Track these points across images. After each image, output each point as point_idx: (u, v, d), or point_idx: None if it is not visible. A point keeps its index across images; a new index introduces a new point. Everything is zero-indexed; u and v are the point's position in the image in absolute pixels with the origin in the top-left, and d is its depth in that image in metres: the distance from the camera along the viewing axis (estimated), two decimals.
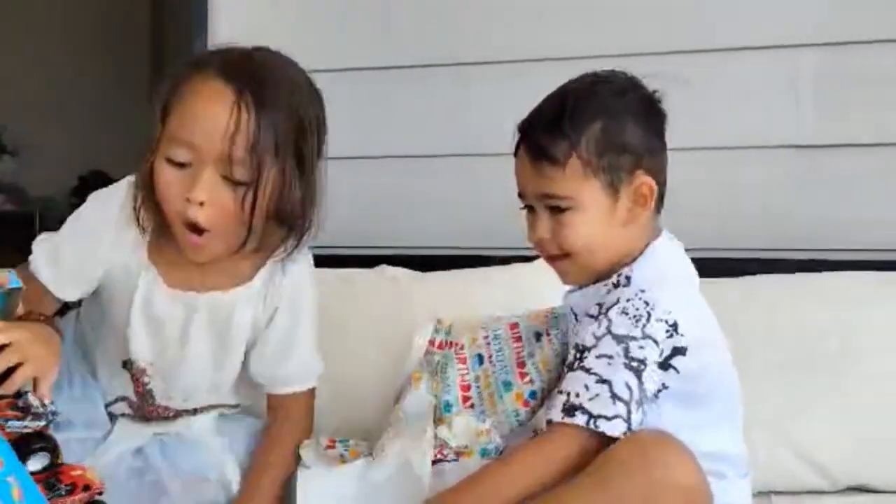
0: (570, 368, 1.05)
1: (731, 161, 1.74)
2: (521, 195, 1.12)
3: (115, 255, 1.16)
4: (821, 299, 1.49)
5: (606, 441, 0.99)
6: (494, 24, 1.82)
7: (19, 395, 0.95)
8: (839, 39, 1.69)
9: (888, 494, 1.36)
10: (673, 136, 1.66)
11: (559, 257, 1.11)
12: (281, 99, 1.06)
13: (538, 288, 1.33)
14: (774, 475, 1.35)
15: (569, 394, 1.02)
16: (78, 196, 4.22)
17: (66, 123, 4.00)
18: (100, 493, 0.94)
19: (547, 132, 1.07)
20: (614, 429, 0.99)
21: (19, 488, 0.81)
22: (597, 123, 1.06)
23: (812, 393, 1.40)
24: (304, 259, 1.23)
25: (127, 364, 1.24)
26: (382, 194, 1.90)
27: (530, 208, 1.12)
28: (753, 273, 1.58)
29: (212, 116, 1.02)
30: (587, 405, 1.00)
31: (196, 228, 1.06)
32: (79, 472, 0.94)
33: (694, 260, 1.22)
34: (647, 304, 1.03)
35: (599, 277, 1.12)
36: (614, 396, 1.00)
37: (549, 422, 1.04)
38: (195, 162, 1.04)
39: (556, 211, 1.08)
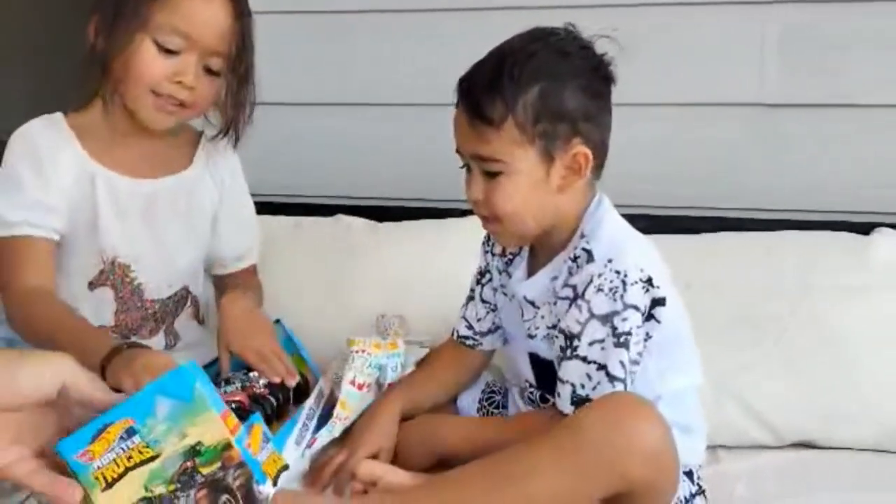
0: (565, 357, 1.06)
1: (693, 118, 1.72)
2: (458, 152, 1.10)
3: (63, 177, 1.22)
4: (773, 258, 1.49)
5: None
6: None
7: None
8: None
9: (831, 450, 1.39)
10: (633, 91, 1.66)
11: (490, 219, 1.10)
12: (248, 6, 1.25)
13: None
14: (721, 430, 1.36)
15: (573, 385, 1.04)
16: None
17: (24, 65, 3.87)
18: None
19: (485, 92, 1.03)
20: None
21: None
22: (535, 87, 1.03)
23: (760, 350, 1.42)
24: (229, 146, 1.36)
25: (103, 274, 1.25)
26: (342, 142, 1.87)
27: (468, 167, 1.10)
28: (709, 231, 1.59)
29: (213, 17, 1.19)
30: (593, 395, 1.02)
31: (178, 104, 1.22)
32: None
33: (649, 217, 1.22)
34: (618, 273, 1.02)
35: (539, 249, 1.12)
36: (612, 378, 1.02)
37: (560, 411, 1.05)
38: (184, 51, 1.18)
39: (490, 174, 1.06)
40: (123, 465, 0.77)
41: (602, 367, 1.02)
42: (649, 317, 1.04)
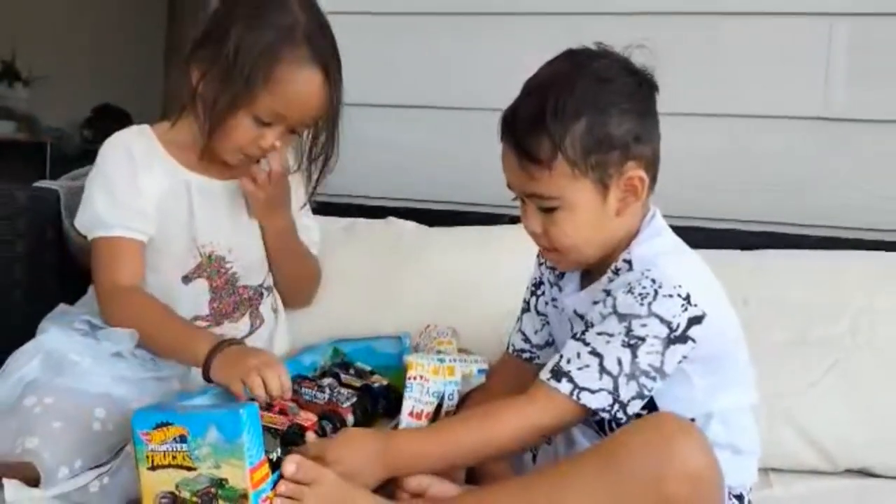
0: (573, 337, 1.05)
1: (754, 130, 1.69)
2: (509, 187, 1.10)
3: (155, 185, 1.30)
4: (834, 278, 1.45)
5: (591, 412, 1.01)
6: None
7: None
8: (874, 10, 1.62)
9: (888, 480, 1.35)
10: (694, 101, 1.63)
11: (551, 250, 1.10)
12: (341, 70, 1.28)
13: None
14: (774, 453, 1.32)
15: (561, 357, 1.04)
16: (90, 128, 4.19)
17: (79, 55, 3.95)
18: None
19: (530, 131, 1.02)
20: (597, 402, 1.00)
21: None
22: (581, 120, 1.01)
23: (817, 372, 1.38)
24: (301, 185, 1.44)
25: (200, 267, 1.33)
26: (394, 145, 1.87)
27: (522, 199, 1.09)
28: (768, 247, 1.55)
29: (307, 99, 1.25)
30: (574, 374, 1.01)
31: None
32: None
33: (706, 230, 1.20)
34: (654, 282, 1.01)
35: (594, 266, 1.11)
36: (602, 370, 1.00)
37: (538, 377, 1.04)
38: (275, 123, 1.25)
39: (546, 210, 1.06)
40: (168, 460, 0.94)
41: (597, 354, 1.01)
42: (686, 338, 1.01)
